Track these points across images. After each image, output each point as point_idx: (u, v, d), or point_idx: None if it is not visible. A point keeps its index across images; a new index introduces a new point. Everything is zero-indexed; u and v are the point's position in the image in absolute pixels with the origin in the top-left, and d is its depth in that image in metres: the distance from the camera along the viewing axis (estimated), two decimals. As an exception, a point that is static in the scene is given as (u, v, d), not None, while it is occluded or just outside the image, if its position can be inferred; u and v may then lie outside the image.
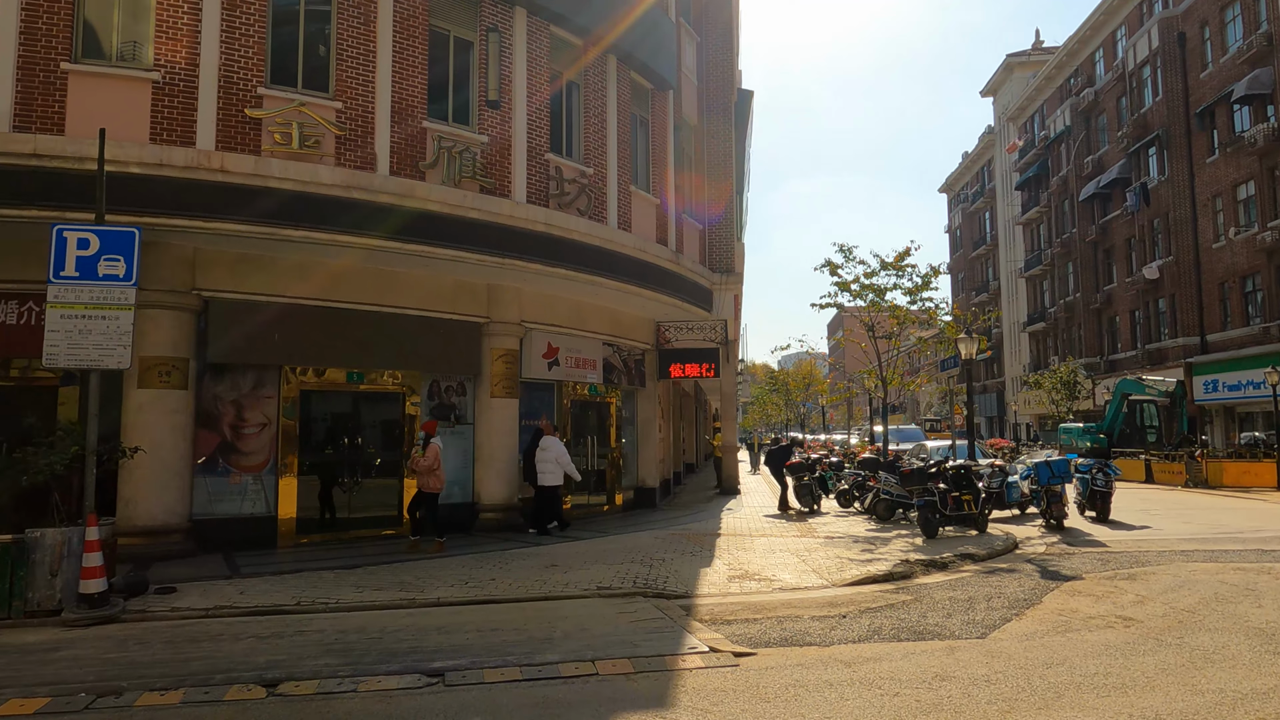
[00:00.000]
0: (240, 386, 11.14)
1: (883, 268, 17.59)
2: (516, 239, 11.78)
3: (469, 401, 13.19)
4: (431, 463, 10.84)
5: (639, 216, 14.57)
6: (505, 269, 12.08)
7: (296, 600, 7.90)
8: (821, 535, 12.39)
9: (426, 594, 8.17)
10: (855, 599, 8.04)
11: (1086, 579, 8.85)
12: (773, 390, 49.76)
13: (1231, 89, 28.02)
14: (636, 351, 16.73)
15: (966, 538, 11.90)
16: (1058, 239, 42.87)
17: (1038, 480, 13.40)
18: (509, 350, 13.25)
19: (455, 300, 12.71)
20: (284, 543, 11.10)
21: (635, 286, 13.75)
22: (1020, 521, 14.61)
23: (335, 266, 11.45)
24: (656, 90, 15.47)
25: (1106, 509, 14.15)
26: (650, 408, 17.11)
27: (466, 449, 13.06)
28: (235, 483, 10.99)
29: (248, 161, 9.79)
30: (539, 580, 8.79)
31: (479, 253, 11.39)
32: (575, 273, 12.53)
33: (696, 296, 16.06)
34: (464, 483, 13.00)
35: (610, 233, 13.32)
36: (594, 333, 15.06)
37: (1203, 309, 30.68)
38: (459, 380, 13.14)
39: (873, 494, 14.17)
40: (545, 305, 13.93)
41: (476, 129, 12.00)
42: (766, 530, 13.10)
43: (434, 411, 12.80)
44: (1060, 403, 35.77)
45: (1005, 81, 52.56)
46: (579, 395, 15.17)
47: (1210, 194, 30.15)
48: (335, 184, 10.24)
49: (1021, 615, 7.17)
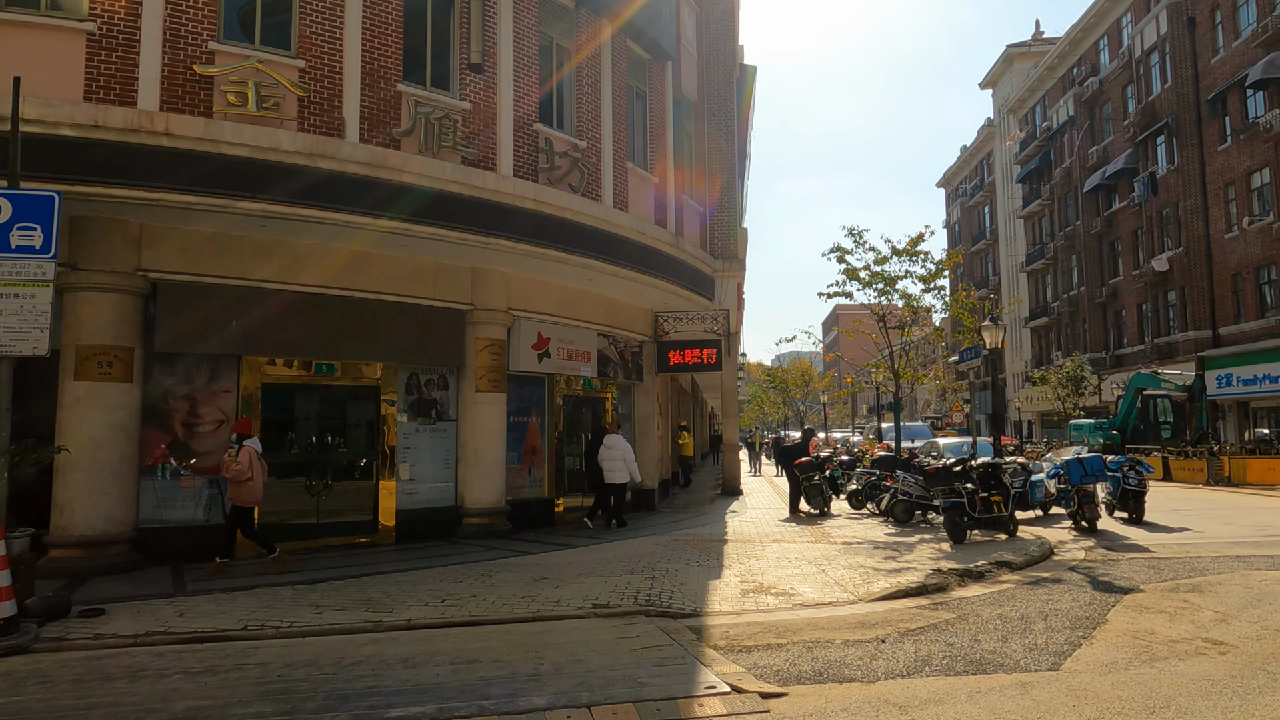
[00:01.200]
0: (194, 379, 10.00)
1: (894, 254, 16.55)
2: (502, 216, 10.69)
3: (451, 396, 12.08)
4: (244, 469, 8.82)
5: (636, 196, 13.49)
6: (490, 250, 10.98)
7: (243, 624, 6.79)
8: (838, 541, 11.33)
9: (395, 615, 7.07)
10: (890, 617, 6.98)
11: (1147, 591, 7.81)
12: (771, 387, 48.76)
13: (1245, 73, 27.09)
14: (634, 343, 15.65)
15: (996, 543, 10.86)
16: (1061, 232, 41.97)
17: (1069, 479, 12.38)
18: (495, 340, 12.14)
19: (436, 285, 11.61)
20: (243, 553, 9.96)
21: (632, 271, 12.66)
22: (1046, 523, 13.59)
23: (300, 245, 10.33)
24: (655, 61, 14.38)
25: (1140, 509, 13.13)
26: (648, 404, 16.04)
27: (449, 448, 11.95)
28: (188, 486, 9.86)
29: (196, 124, 8.66)
30: (526, 597, 7.70)
31: (460, 230, 10.29)
32: (567, 254, 11.43)
33: (698, 284, 14.99)
34: (446, 485, 11.90)
35: (605, 212, 12.24)
36: (588, 322, 13.97)
37: (1214, 301, 29.79)
38: (440, 373, 12.03)
39: (890, 495, 13.12)
40: (535, 291, 12.84)
41: (458, 95, 10.89)
42: (777, 535, 12.04)
43: (413, 407, 11.69)
44: (1066, 399, 34.85)
45: (1005, 73, 51.67)
46: (572, 390, 14.08)
47: (1222, 182, 29.25)
48: (297, 151, 9.12)
49: (1091, 638, 6.12)
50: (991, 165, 54.74)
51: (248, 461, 8.87)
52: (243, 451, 8.92)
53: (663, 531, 12.47)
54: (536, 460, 13.20)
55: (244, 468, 8.83)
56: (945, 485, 11.00)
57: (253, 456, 8.96)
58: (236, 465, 8.83)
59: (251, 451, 8.98)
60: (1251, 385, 27.02)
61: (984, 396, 56.42)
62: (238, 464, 8.83)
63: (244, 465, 8.84)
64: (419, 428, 11.69)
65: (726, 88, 17.16)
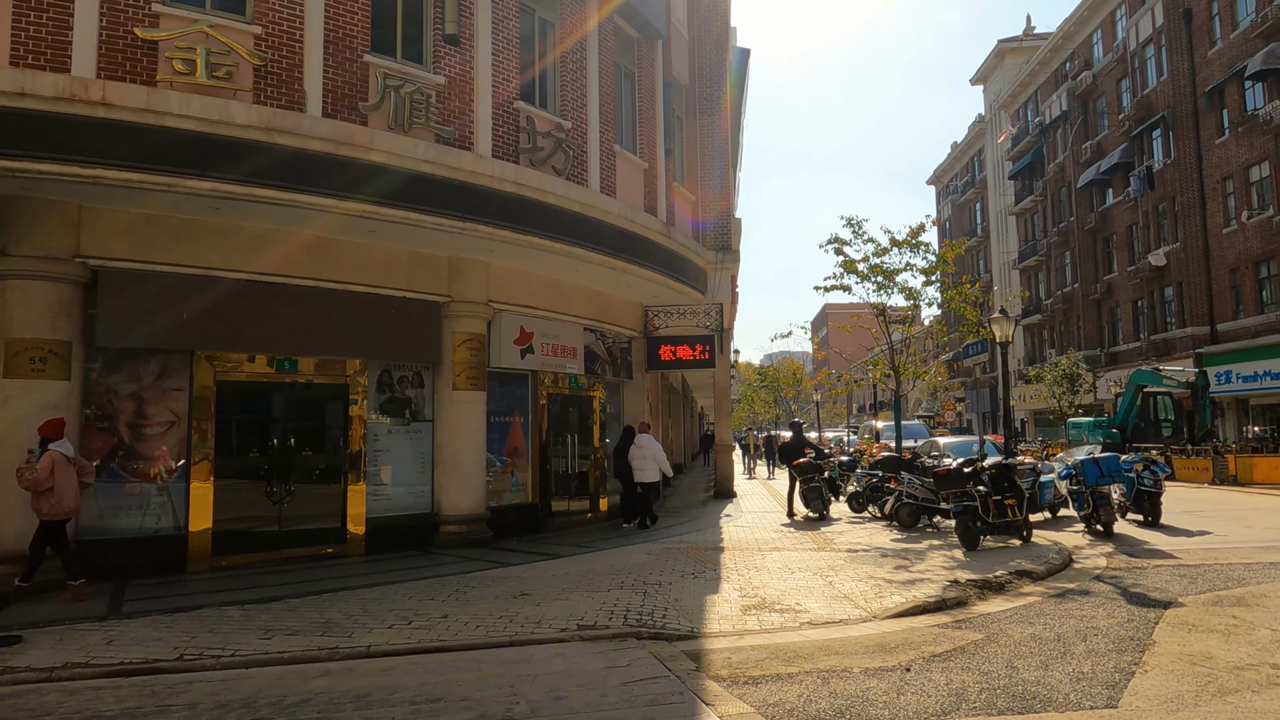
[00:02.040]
0: (141, 376, 9.14)
1: (894, 245, 15.84)
2: (480, 200, 9.88)
3: (427, 395, 11.26)
4: (42, 478, 7.39)
5: (625, 181, 12.71)
6: (468, 236, 10.18)
7: (179, 653, 5.96)
8: (842, 548, 10.58)
9: (354, 640, 6.26)
10: (911, 639, 6.23)
11: (1188, 605, 7.11)
12: (762, 386, 48.08)
13: (1244, 65, 26.60)
14: (623, 339, 14.88)
15: (1010, 549, 10.16)
16: (1054, 228, 41.51)
17: (1084, 480, 11.70)
18: (474, 335, 11.33)
19: (409, 275, 10.79)
20: (196, 565, 9.12)
21: (620, 260, 11.88)
22: (1056, 526, 12.93)
23: (258, 230, 9.49)
24: (644, 40, 13.60)
25: (1157, 512, 12.46)
26: (638, 402, 15.26)
27: (424, 451, 11.13)
28: (134, 494, 8.99)
29: (138, 94, 7.81)
30: (504, 616, 6.91)
31: (434, 214, 9.47)
32: (550, 241, 10.64)
33: (690, 276, 14.22)
34: (421, 490, 11.08)
35: (592, 197, 11.45)
36: (574, 316, 13.18)
37: (1212, 297, 29.29)
38: (415, 370, 11.20)
39: (894, 498, 12.40)
40: (517, 283, 12.04)
41: (432, 68, 10.08)
42: (776, 542, 11.29)
43: (385, 407, 10.86)
44: (1062, 397, 34.33)
45: (996, 69, 51.21)
46: (557, 388, 13.28)
47: (1220, 176, 28.77)
48: (252, 125, 8.27)
49: (1143, 665, 5.39)
50: (983, 162, 54.30)
51: (48, 469, 7.42)
52: (44, 458, 7.46)
53: (655, 538, 11.70)
54: (519, 463, 12.40)
55: (41, 477, 7.38)
56: (956, 488, 10.29)
57: (57, 462, 7.50)
58: (32, 474, 7.35)
59: (56, 456, 7.51)
60: (1251, 382, 26.55)
61: (976, 395, 56.02)
62: (34, 472, 7.37)
63: (42, 474, 7.38)
64: (391, 429, 10.87)
65: (718, 71, 16.40)
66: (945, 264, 15.91)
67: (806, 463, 13.75)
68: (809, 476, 13.68)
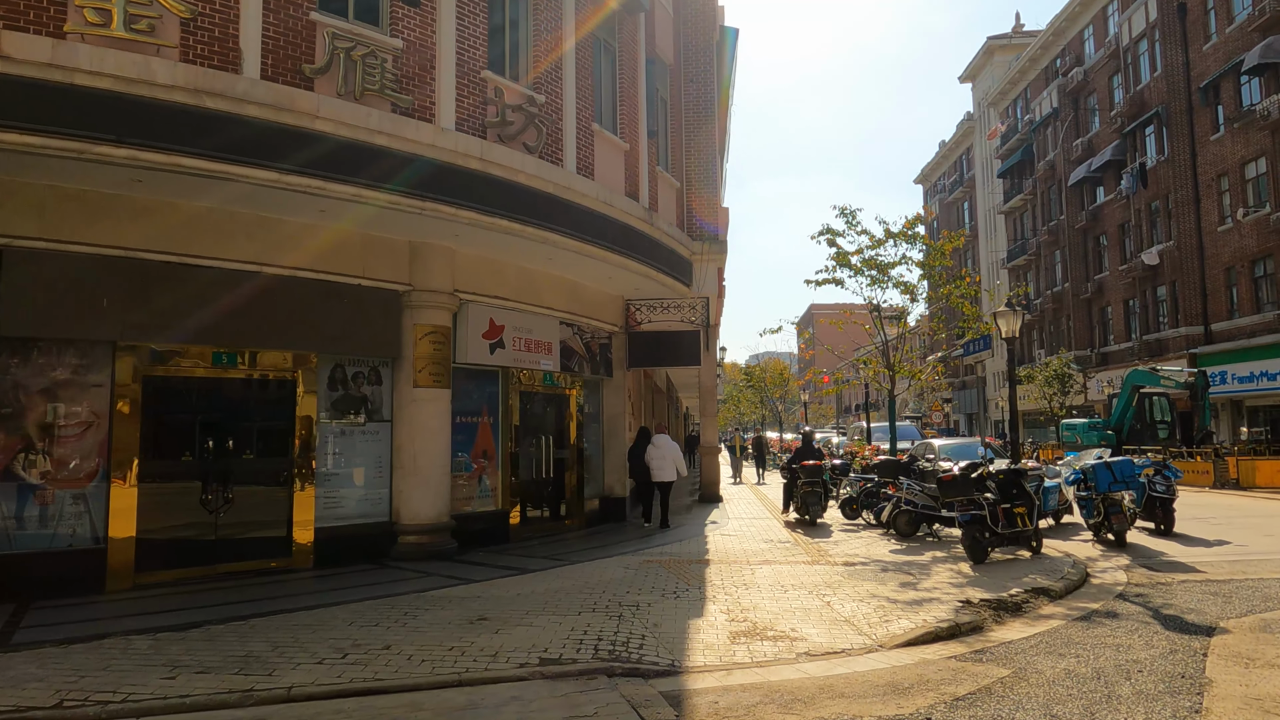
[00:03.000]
0: (52, 370, 8.11)
1: (889, 237, 15.04)
2: (443, 177, 8.94)
3: (385, 392, 10.29)
4: None
5: (604, 162, 11.79)
6: (429, 219, 9.23)
7: (59, 697, 4.98)
8: (838, 561, 9.71)
9: (275, 679, 5.30)
10: (926, 675, 5.36)
11: (1234, 632, 6.29)
12: (748, 386, 47.25)
13: (1241, 59, 26.06)
14: (602, 334, 13.96)
15: (1021, 561, 9.35)
16: (1044, 227, 40.99)
17: (1095, 486, 10.91)
18: (438, 327, 10.37)
19: (366, 261, 9.82)
20: (116, 584, 8.10)
21: (599, 248, 10.96)
22: (1062, 534, 12.16)
23: (190, 209, 8.49)
24: (625, 12, 12.68)
25: (1170, 519, 11.71)
26: (618, 401, 14.35)
27: (381, 454, 10.16)
28: (45, 502, 7.96)
29: (42, 46, 6.80)
30: (456, 648, 5.96)
31: (390, 192, 8.52)
32: (521, 225, 9.71)
33: (674, 267, 13.33)
34: (378, 497, 10.11)
35: (567, 177, 10.53)
36: (549, 309, 12.25)
37: (1207, 296, 28.78)
38: (372, 365, 10.23)
39: (892, 505, 11.56)
40: (487, 271, 11.09)
41: (388, 30, 9.11)
42: (766, 554, 10.40)
43: (338, 405, 9.88)
44: (1053, 398, 33.74)
45: (985, 66, 50.73)
46: (531, 386, 12.33)
47: (1215, 173, 28.24)
48: (178, 85, 7.28)
49: (1206, 712, 4.54)
50: (971, 160, 53.82)
51: None
52: None
53: (633, 549, 10.78)
54: (488, 466, 11.45)
55: None
56: (962, 495, 9.45)
57: None
58: None
59: None
60: (1248, 383, 26.01)
61: (963, 395, 55.50)
62: None
63: None
64: (345, 429, 9.90)
65: (705, 51, 15.50)
66: (943, 256, 15.14)
67: (815, 465, 12.99)
68: (813, 480, 12.89)
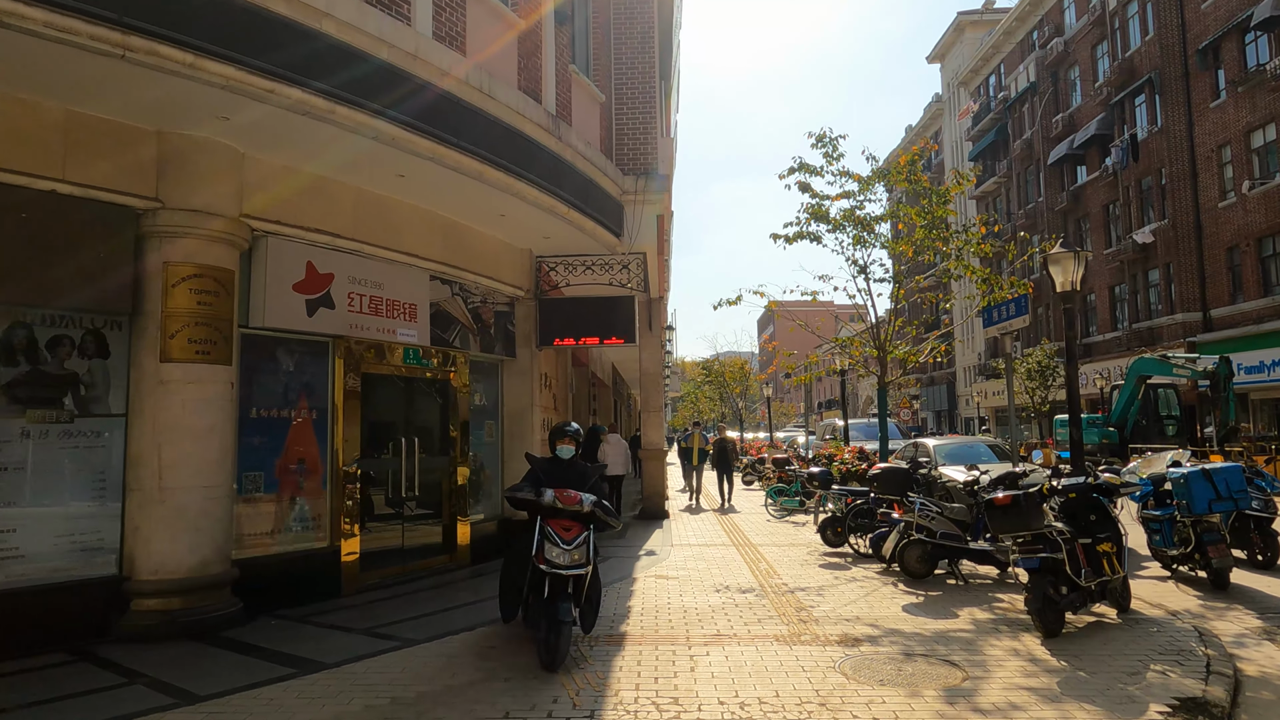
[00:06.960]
0: None
1: (878, 178, 11.65)
2: (210, 22, 5.21)
3: (112, 369, 6.49)
4: None
5: (481, 36, 8.11)
6: (198, 91, 5.49)
7: None
8: (831, 631, 6.17)
9: None
10: None
11: None
12: (706, 381, 43.83)
13: (1249, 13, 23.40)
14: (501, 299, 10.32)
15: (1110, 628, 5.97)
16: (1021, 210, 38.37)
17: (1190, 504, 7.61)
18: (209, 269, 6.61)
19: (70, 154, 6.01)
20: None
21: (474, 159, 7.32)
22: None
23: None
24: None
25: (1274, 547, 8.47)
26: (525, 391, 10.70)
27: (104, 468, 6.36)
28: None
29: None
30: None
31: (106, 25, 4.76)
32: (334, 104, 6.01)
33: (595, 206, 9.72)
34: (96, 538, 6.30)
35: (417, 42, 6.85)
36: (412, 256, 8.57)
37: (1205, 279, 26.17)
38: (91, 326, 6.43)
39: (898, 532, 8.09)
40: (304, 192, 7.37)
41: None
42: (718, 616, 6.84)
43: (17, 388, 6.05)
44: (1034, 392, 30.98)
45: (955, 44, 48.15)
46: (384, 365, 8.63)
47: (1215, 143, 25.61)
48: None
49: None
50: (940, 144, 51.25)
51: None
52: None
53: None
54: (308, 483, 7.69)
55: None
56: (1025, 530, 6.00)
57: None
58: None
59: None
60: (1257, 373, 23.35)
61: (933, 393, 52.89)
62: None
63: None
64: (31, 429, 6.08)
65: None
66: (945, 203, 11.80)
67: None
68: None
